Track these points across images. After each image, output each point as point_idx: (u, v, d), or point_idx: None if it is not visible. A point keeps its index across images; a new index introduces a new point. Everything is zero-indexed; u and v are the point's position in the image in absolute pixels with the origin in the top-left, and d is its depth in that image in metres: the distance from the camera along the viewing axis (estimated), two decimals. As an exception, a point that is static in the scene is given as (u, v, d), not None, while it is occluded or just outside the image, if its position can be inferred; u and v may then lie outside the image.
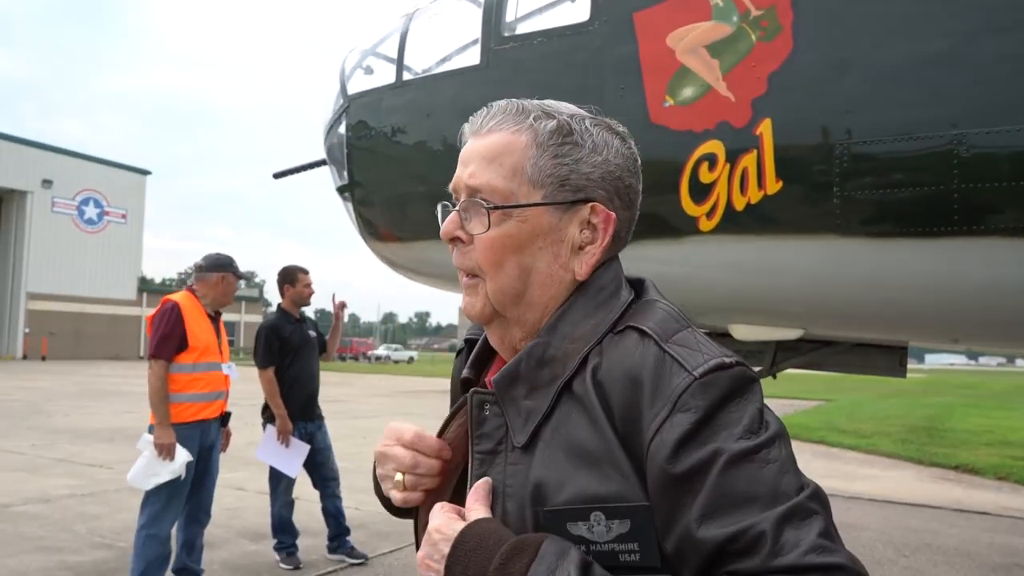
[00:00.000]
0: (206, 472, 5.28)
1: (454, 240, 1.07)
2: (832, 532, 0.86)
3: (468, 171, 1.06)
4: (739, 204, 3.64)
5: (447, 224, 1.07)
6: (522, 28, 4.61)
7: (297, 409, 5.97)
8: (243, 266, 5.38)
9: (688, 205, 3.76)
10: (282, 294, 6.29)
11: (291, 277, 6.21)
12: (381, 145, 4.92)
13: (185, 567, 5.25)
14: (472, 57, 4.59)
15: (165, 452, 4.89)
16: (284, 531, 6.11)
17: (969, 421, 19.70)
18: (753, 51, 3.61)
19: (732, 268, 3.84)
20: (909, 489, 10.30)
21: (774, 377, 5.01)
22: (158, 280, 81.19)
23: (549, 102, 1.10)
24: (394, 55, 5.15)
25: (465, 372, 1.16)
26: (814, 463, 12.37)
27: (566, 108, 1.10)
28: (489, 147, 1.05)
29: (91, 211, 45.39)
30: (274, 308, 6.64)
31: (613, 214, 1.05)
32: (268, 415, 6.04)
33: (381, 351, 73.84)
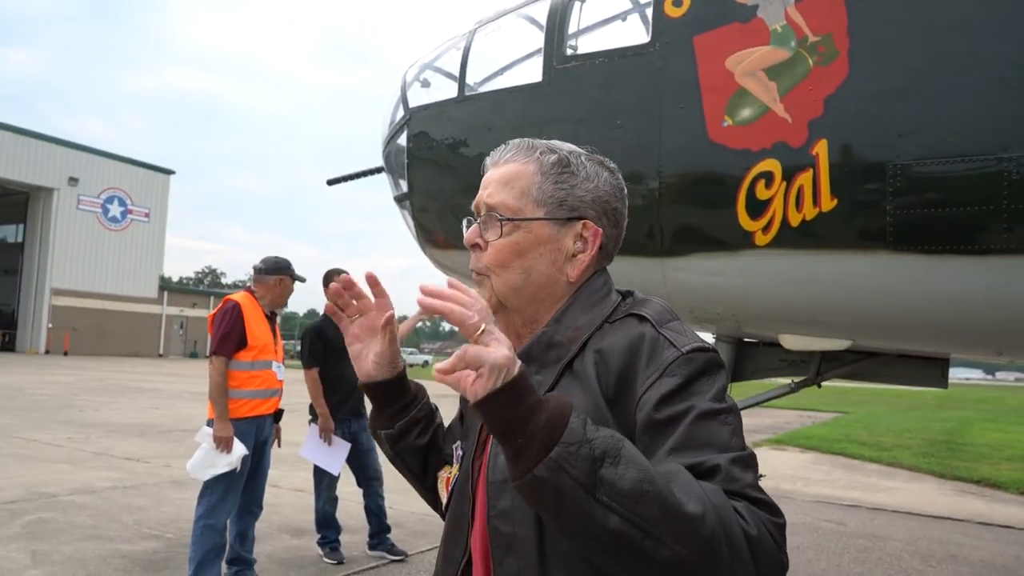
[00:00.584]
0: (259, 466, 5.48)
1: (474, 247, 1.35)
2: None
3: (487, 192, 1.35)
4: (795, 220, 3.83)
5: (470, 233, 1.36)
6: (583, 48, 4.82)
7: (341, 408, 6.16)
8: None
9: (745, 220, 3.95)
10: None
11: (330, 281, 6.41)
12: (442, 157, 5.13)
13: (239, 556, 5.45)
14: (534, 74, 4.79)
15: (223, 445, 5.07)
16: (327, 526, 6.29)
17: (988, 436, 19.64)
18: (810, 75, 3.80)
19: (786, 280, 4.02)
20: (932, 501, 10.37)
21: (819, 386, 5.18)
22: (175, 279, 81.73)
23: (554, 142, 1.39)
24: (453, 69, 5.35)
25: None
26: (836, 473, 12.47)
27: (567, 146, 1.39)
28: (504, 174, 1.34)
29: (115, 209, 45.92)
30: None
31: (600, 229, 1.34)
32: (314, 414, 6.23)
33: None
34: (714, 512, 0.99)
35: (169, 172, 50.55)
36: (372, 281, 1.42)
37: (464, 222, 1.38)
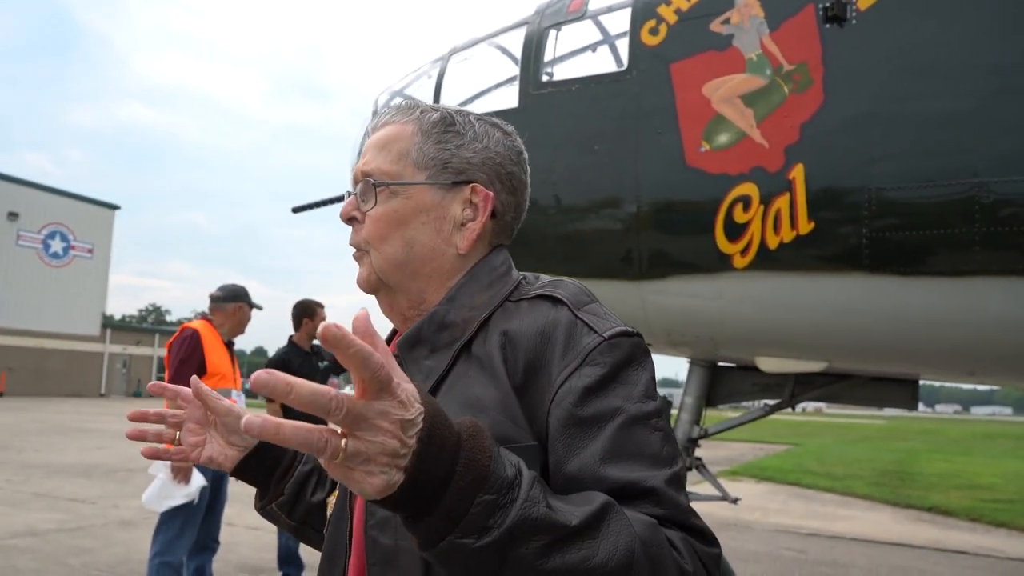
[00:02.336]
0: (216, 499, 5.32)
1: (351, 220, 1.21)
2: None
3: (363, 160, 1.21)
4: (772, 243, 3.89)
5: (344, 206, 1.21)
6: (559, 75, 4.89)
7: None
8: (206, 303, 5.52)
9: (723, 243, 4.01)
10: (297, 327, 6.39)
11: (311, 311, 6.33)
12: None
13: (196, 595, 5.24)
14: (508, 101, 4.83)
15: (181, 475, 4.91)
16: (290, 563, 6.11)
17: (935, 465, 20.16)
18: (786, 102, 3.91)
19: (763, 303, 4.07)
20: (888, 529, 10.54)
21: (792, 409, 5.24)
22: (118, 317, 79.52)
23: (440, 104, 1.27)
24: (424, 96, 5.37)
25: None
26: (792, 503, 12.58)
27: (453, 106, 1.25)
28: (381, 137, 1.20)
29: (57, 245, 44.62)
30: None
31: (491, 193, 1.18)
32: None
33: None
34: (644, 558, 0.86)
35: (114, 207, 49.41)
36: (186, 397, 1.30)
37: (345, 196, 1.24)
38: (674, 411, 5.49)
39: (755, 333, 4.29)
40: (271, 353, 6.58)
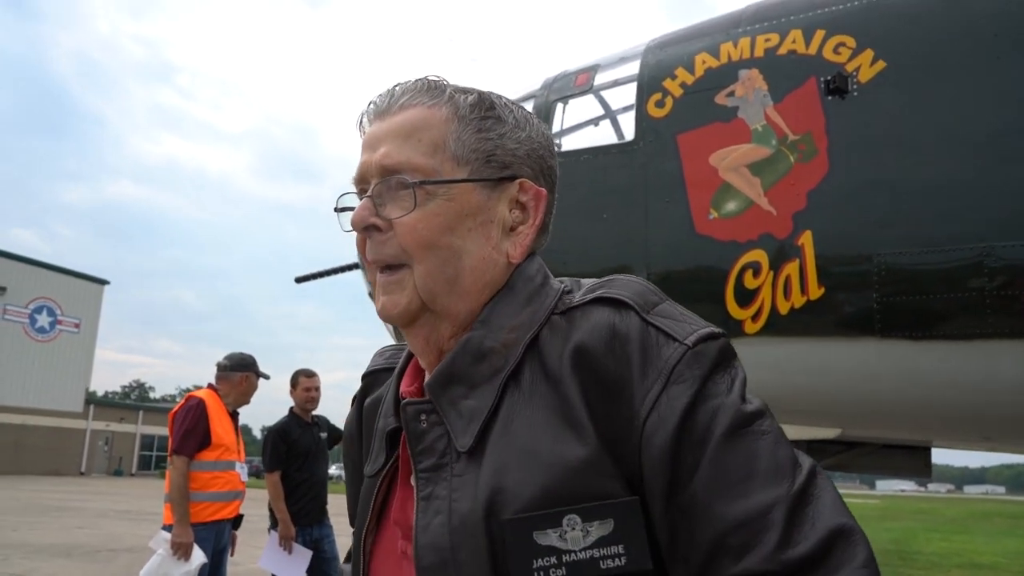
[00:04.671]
0: (216, 576, 5.15)
1: (368, 229, 0.95)
2: (841, 502, 0.82)
3: (381, 152, 0.95)
4: (783, 308, 3.93)
5: (359, 211, 0.95)
6: (567, 146, 5.00)
7: (303, 514, 5.88)
8: (191, 380, 5.45)
9: (733, 309, 4.04)
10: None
11: (293, 381, 6.19)
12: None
13: (193, 678, 5.02)
14: (516, 170, 4.91)
15: (182, 552, 4.76)
16: (286, 646, 5.88)
17: (934, 545, 19.82)
18: (792, 171, 4.01)
19: (776, 368, 4.08)
20: (894, 610, 10.28)
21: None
22: (101, 393, 78.42)
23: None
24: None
25: (392, 423, 1.01)
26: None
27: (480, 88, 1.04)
28: (403, 123, 0.95)
29: (43, 320, 44.27)
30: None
31: (544, 190, 0.99)
32: (273, 520, 5.93)
33: (333, 471, 71.65)
34: None
35: (103, 282, 49.32)
36: None
37: (346, 201, 1.00)
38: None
39: (768, 399, 4.24)
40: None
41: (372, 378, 1.14)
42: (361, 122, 1.01)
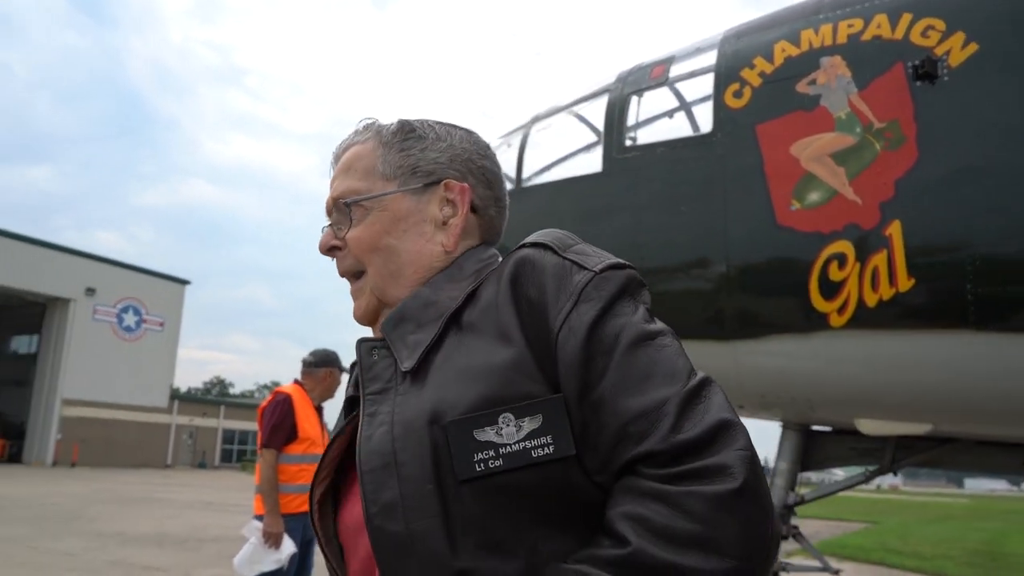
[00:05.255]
0: (304, 566, 5.29)
1: (332, 251, 1.17)
2: (729, 404, 0.93)
3: (332, 187, 1.19)
4: (871, 300, 3.82)
5: (323, 238, 1.18)
6: (643, 139, 4.97)
7: None
8: (268, 376, 5.56)
9: (818, 301, 3.95)
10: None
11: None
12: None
13: (282, 662, 5.18)
14: (592, 165, 4.92)
15: (272, 541, 4.91)
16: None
17: (1028, 546, 18.95)
18: (878, 159, 3.89)
19: (864, 362, 3.98)
20: (987, 613, 9.89)
21: (895, 474, 5.04)
22: (183, 389, 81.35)
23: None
24: (507, 164, 5.49)
25: (350, 391, 1.21)
26: (880, 585, 11.92)
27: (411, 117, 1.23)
28: (345, 161, 1.19)
29: (130, 319, 46.16)
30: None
31: (467, 185, 1.15)
32: None
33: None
34: None
35: (184, 282, 51.10)
36: None
37: (322, 230, 1.20)
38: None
39: (855, 394, 4.17)
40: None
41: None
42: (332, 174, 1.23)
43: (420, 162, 1.15)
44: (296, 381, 5.56)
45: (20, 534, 12.70)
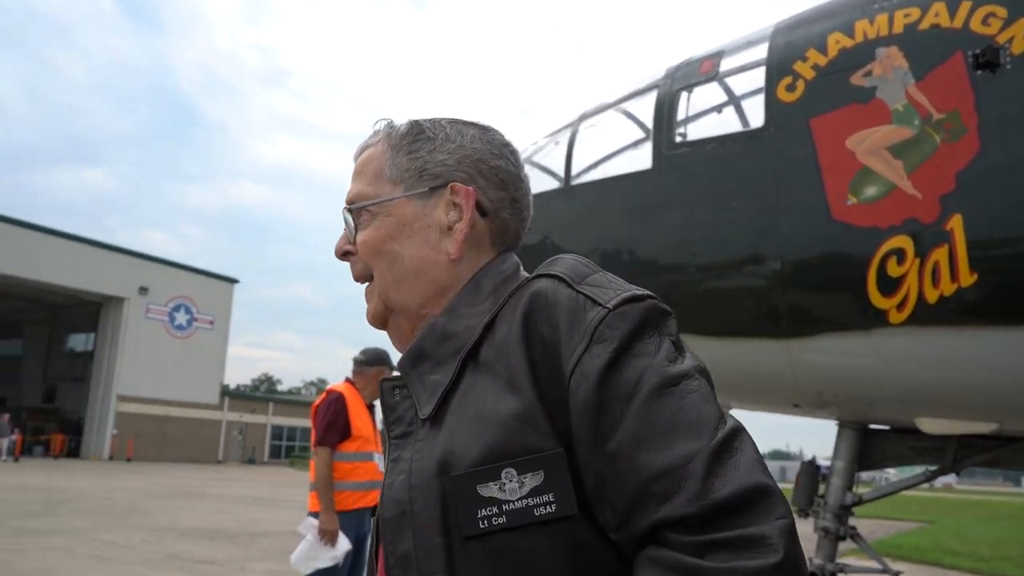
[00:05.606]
0: (358, 562, 5.35)
1: (345, 256, 1.16)
2: (761, 461, 0.84)
3: (347, 192, 1.17)
4: (932, 296, 3.73)
5: (338, 242, 1.17)
6: (693, 135, 4.92)
7: None
8: (315, 373, 5.60)
9: (876, 298, 3.87)
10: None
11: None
12: (549, 246, 5.17)
13: (337, 658, 5.25)
14: (641, 162, 4.88)
15: (328, 538, 4.98)
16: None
17: (1091, 546, 18.33)
18: (938, 151, 3.79)
19: (924, 359, 3.89)
20: (1049, 615, 9.60)
21: (958, 475, 4.92)
22: (232, 386, 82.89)
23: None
24: (548, 163, 5.49)
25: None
26: (937, 585, 11.64)
27: (427, 116, 1.19)
28: (358, 165, 1.17)
29: (181, 317, 47.16)
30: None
31: (472, 188, 1.09)
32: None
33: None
34: None
35: (233, 281, 52.07)
36: None
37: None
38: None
39: (916, 392, 4.08)
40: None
41: None
42: None
43: (427, 164, 1.11)
44: (347, 380, 5.63)
45: (83, 527, 13.09)
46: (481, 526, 0.89)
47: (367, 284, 1.15)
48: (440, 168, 1.11)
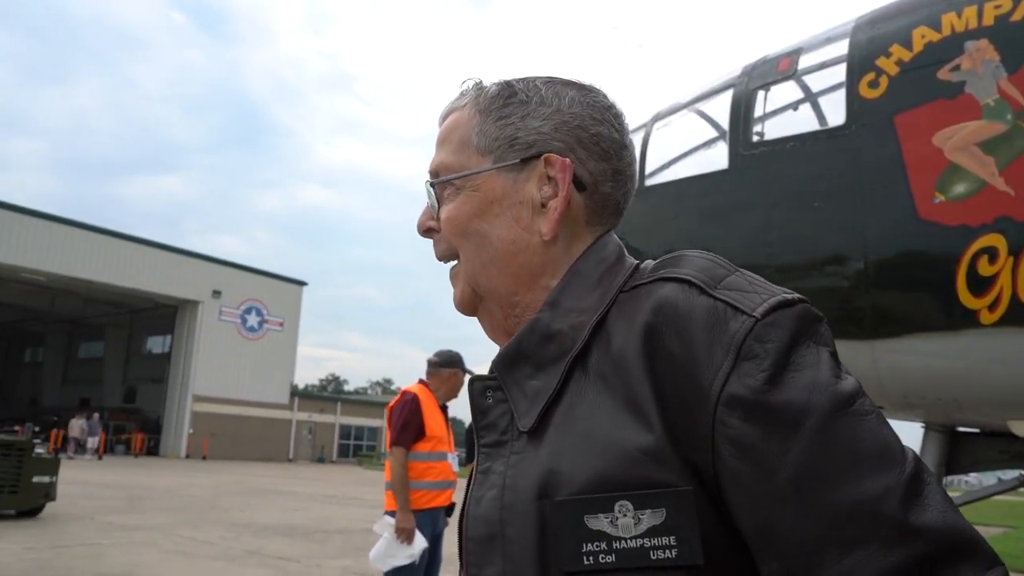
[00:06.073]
0: (434, 560, 5.44)
1: (428, 232, 1.04)
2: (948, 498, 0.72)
3: (431, 161, 1.04)
4: (1026, 296, 3.62)
5: (420, 217, 1.04)
6: (771, 134, 4.87)
7: None
8: (380, 373, 5.66)
9: (966, 298, 3.78)
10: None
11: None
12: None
13: (415, 650, 5.35)
14: (716, 162, 4.85)
15: (405, 536, 5.07)
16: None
17: None
18: (1032, 147, 3.68)
19: (1017, 361, 3.77)
20: None
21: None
22: (301, 386, 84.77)
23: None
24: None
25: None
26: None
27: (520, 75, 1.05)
28: (443, 131, 1.04)
29: (253, 319, 48.56)
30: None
31: (568, 160, 0.95)
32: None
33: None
34: None
35: (302, 283, 53.40)
36: None
37: None
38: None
39: (1008, 394, 3.95)
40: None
41: None
42: None
43: (519, 132, 0.97)
44: (421, 381, 5.73)
45: (165, 523, 13.59)
46: (585, 562, 0.78)
47: (452, 265, 1.03)
48: (534, 136, 0.97)
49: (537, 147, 0.96)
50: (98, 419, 37.26)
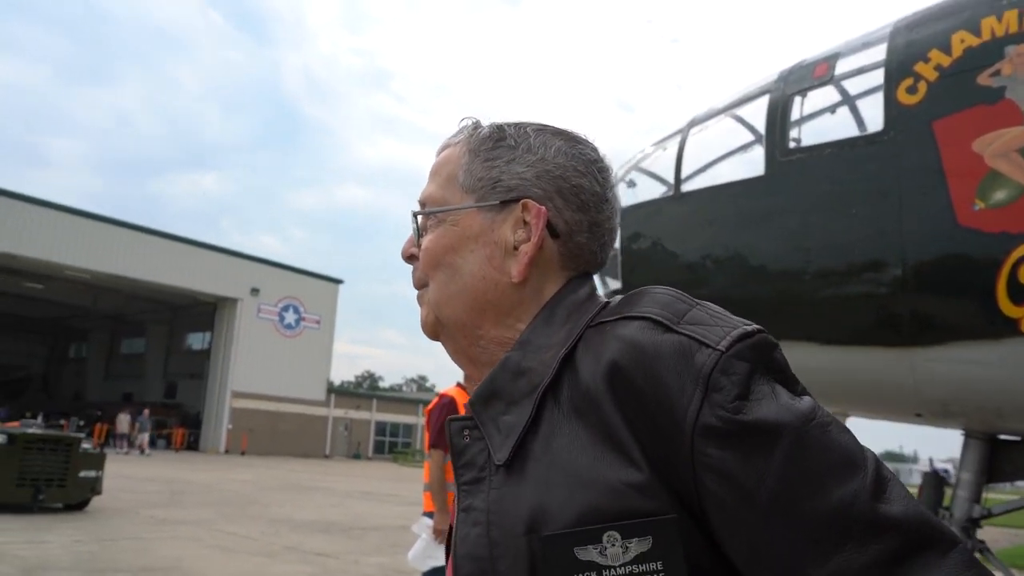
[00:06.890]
0: (470, 562, 5.52)
1: (411, 259, 1.08)
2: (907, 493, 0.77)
3: (422, 189, 1.09)
4: (1069, 305, 3.58)
5: (405, 244, 1.10)
6: (807, 140, 4.86)
7: None
8: (415, 370, 5.69)
9: (1007, 306, 3.74)
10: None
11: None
12: (660, 254, 5.22)
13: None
14: (747, 170, 4.85)
15: (442, 537, 5.15)
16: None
17: None
18: (1075, 154, 3.63)
19: (1060, 370, 3.73)
20: None
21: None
22: (337, 382, 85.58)
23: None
24: (657, 170, 5.50)
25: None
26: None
27: (513, 120, 1.09)
28: (436, 163, 1.09)
29: (290, 317, 49.19)
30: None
31: (544, 208, 0.98)
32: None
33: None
34: None
35: (338, 281, 53.94)
36: None
37: None
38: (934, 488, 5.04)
39: (1049, 405, 3.92)
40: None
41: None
42: None
43: (502, 176, 1.01)
44: (459, 384, 5.79)
45: (206, 517, 13.87)
46: None
47: (420, 292, 1.08)
48: (516, 181, 1.01)
49: (517, 191, 1.00)
50: (148, 415, 38.06)
